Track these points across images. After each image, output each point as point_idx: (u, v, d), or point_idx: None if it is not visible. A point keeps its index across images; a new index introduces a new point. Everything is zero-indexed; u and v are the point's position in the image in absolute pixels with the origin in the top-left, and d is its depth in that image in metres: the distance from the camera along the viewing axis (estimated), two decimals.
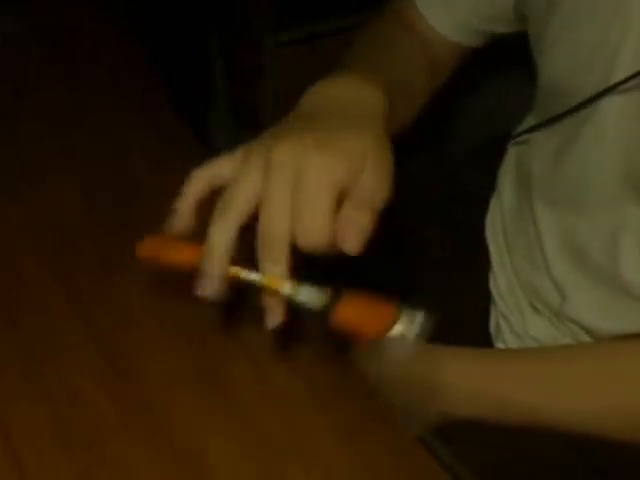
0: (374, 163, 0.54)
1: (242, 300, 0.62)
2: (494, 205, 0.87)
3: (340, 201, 0.53)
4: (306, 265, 0.57)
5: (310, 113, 0.60)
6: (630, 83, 0.62)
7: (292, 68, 1.58)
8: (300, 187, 0.52)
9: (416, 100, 0.78)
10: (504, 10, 0.77)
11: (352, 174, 0.53)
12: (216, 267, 0.54)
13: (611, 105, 0.66)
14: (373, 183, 0.54)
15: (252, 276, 0.55)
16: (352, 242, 0.53)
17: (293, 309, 0.56)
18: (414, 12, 0.81)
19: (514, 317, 0.82)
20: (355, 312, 0.56)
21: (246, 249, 0.54)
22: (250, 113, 1.67)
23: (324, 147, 0.53)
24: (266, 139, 0.56)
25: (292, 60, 1.57)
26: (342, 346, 0.70)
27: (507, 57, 0.89)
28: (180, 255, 0.58)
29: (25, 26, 0.97)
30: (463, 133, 0.99)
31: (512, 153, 0.86)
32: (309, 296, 0.55)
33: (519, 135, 0.82)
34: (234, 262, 0.55)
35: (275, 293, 0.55)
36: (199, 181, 0.58)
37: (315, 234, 0.52)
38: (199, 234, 0.56)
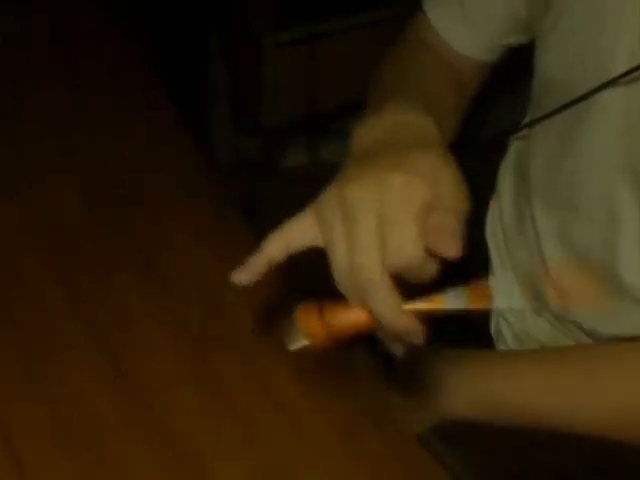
0: (448, 176, 0.55)
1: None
2: (494, 204, 0.87)
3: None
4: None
5: (366, 151, 0.59)
6: (628, 78, 0.62)
7: (292, 68, 1.58)
8: (386, 216, 0.52)
9: (451, 121, 0.78)
10: (521, 21, 0.76)
11: (431, 189, 0.54)
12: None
13: (608, 100, 0.66)
14: (452, 194, 0.55)
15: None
16: (450, 245, 0.53)
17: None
18: (435, 39, 0.80)
19: (514, 318, 0.82)
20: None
21: None
22: (250, 113, 1.67)
23: (398, 168, 0.54)
24: (332, 188, 0.55)
25: (292, 60, 1.57)
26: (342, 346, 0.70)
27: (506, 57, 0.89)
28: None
29: (25, 26, 0.97)
30: (463, 133, 0.99)
31: (511, 152, 0.86)
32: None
33: (516, 132, 0.82)
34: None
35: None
36: (274, 246, 0.57)
37: (412, 257, 0.53)
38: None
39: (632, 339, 0.71)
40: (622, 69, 0.62)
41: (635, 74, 0.62)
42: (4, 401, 0.64)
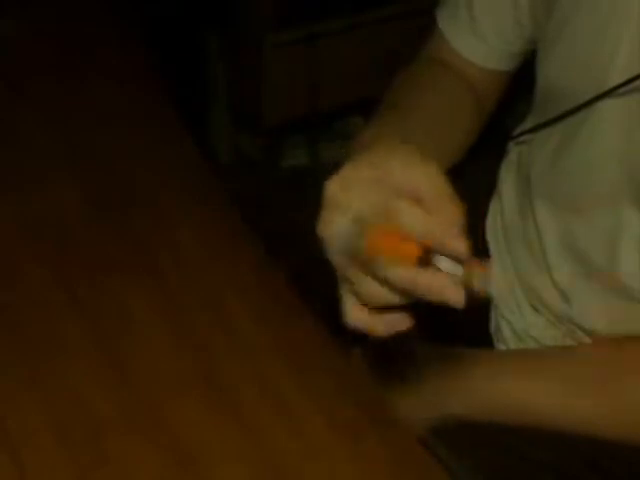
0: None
1: None
2: (495, 206, 0.87)
3: None
4: None
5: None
6: (629, 86, 0.63)
7: (292, 68, 1.58)
8: None
9: (461, 139, 0.77)
10: (527, 30, 0.76)
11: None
12: None
13: (609, 107, 0.66)
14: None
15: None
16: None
17: None
18: (453, 56, 0.80)
19: (514, 317, 0.82)
20: None
21: None
22: (250, 113, 1.67)
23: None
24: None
25: (292, 60, 1.58)
26: (343, 346, 0.70)
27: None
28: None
29: (25, 27, 0.97)
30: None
31: (512, 154, 0.86)
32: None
33: (518, 136, 0.82)
34: None
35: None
36: None
37: None
38: None
39: (632, 339, 0.71)
40: (621, 75, 0.63)
41: (634, 84, 0.62)
42: (4, 401, 0.64)
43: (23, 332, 0.69)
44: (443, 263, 0.53)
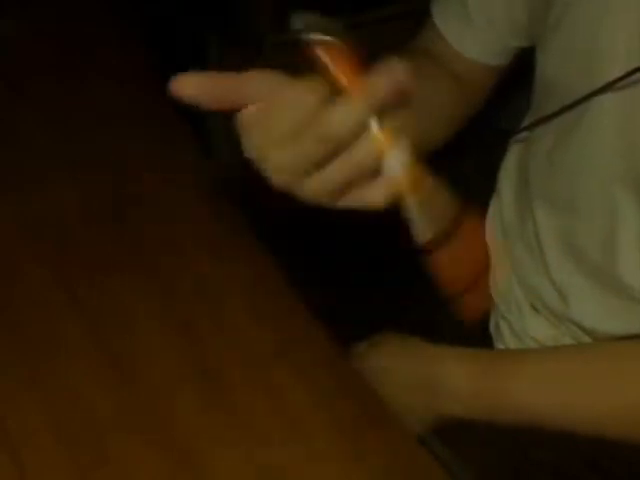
0: None
1: None
2: (494, 205, 0.87)
3: None
4: None
5: None
6: (625, 81, 0.63)
7: (292, 68, 1.58)
8: None
9: (442, 124, 0.78)
10: (523, 25, 0.76)
11: None
12: None
13: (606, 102, 0.66)
14: None
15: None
16: None
17: None
18: (440, 47, 0.80)
19: (514, 317, 0.82)
20: None
21: None
22: None
23: None
24: None
25: (292, 60, 1.57)
26: (343, 346, 0.70)
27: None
28: None
29: (25, 28, 0.97)
30: (463, 133, 0.99)
31: (512, 153, 0.86)
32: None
33: (517, 133, 0.82)
34: None
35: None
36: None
37: None
38: None
39: (631, 338, 0.71)
40: (619, 71, 0.63)
41: (632, 77, 0.62)
42: (4, 401, 0.64)
43: (23, 332, 0.69)
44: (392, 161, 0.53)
